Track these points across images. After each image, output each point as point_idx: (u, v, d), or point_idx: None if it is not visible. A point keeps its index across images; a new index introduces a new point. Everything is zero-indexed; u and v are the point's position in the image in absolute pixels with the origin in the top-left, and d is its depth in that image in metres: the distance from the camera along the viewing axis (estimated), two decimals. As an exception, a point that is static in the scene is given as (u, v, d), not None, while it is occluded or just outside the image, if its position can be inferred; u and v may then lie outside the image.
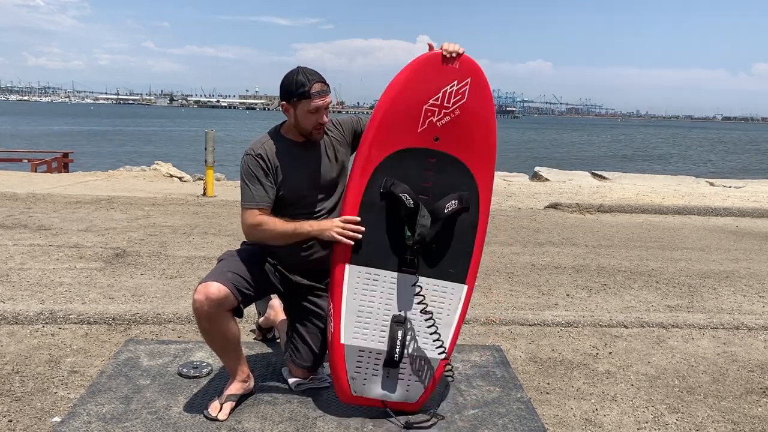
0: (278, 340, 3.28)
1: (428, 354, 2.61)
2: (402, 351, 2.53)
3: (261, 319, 3.34)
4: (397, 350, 2.51)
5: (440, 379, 2.72)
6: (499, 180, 12.40)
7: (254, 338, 3.42)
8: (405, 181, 2.53)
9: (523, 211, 8.33)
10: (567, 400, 2.93)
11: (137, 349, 3.20)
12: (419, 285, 2.57)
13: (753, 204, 9.49)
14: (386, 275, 2.57)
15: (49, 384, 2.86)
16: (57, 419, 2.54)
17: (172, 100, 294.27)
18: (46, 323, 3.57)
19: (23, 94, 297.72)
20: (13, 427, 2.48)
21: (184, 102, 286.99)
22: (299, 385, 2.82)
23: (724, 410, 2.90)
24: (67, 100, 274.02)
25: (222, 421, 2.52)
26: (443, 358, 2.61)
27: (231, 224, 6.59)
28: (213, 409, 2.56)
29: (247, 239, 2.74)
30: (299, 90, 2.53)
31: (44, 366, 3.04)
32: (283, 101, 2.61)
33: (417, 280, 2.57)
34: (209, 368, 2.98)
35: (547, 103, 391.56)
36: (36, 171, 13.80)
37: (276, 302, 3.19)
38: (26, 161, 15.46)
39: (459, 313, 2.63)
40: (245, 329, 3.48)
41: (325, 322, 2.73)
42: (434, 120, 2.52)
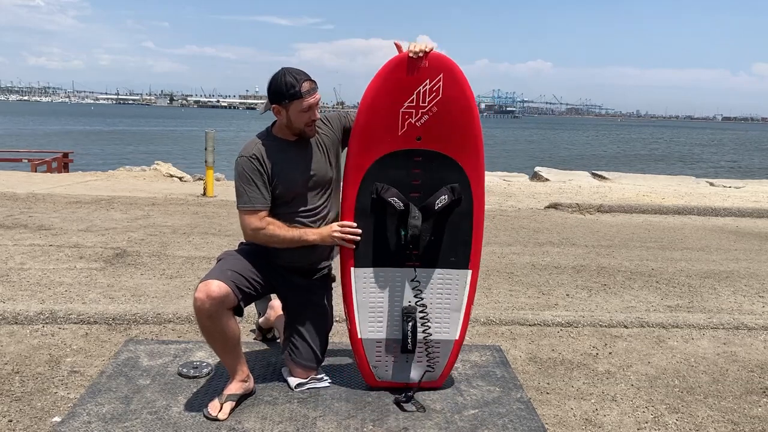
0: (278, 340, 3.29)
1: (442, 337, 2.80)
2: (414, 340, 2.71)
3: (261, 320, 3.35)
4: (409, 340, 2.71)
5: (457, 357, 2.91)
6: (499, 180, 12.41)
7: (254, 338, 3.43)
8: (394, 183, 2.63)
9: (523, 211, 8.33)
10: (567, 400, 2.93)
11: (137, 349, 3.20)
12: (424, 277, 2.73)
13: (753, 204, 9.49)
14: (391, 272, 2.74)
15: (49, 384, 2.86)
16: (57, 419, 2.54)
17: (172, 100, 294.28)
18: (46, 323, 3.58)
19: (23, 94, 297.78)
20: (13, 427, 2.48)
21: (184, 102, 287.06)
22: (299, 385, 2.83)
23: (724, 410, 2.90)
24: (67, 100, 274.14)
25: (222, 421, 2.53)
26: (456, 339, 2.80)
27: (231, 224, 6.59)
28: (213, 409, 2.57)
29: (247, 241, 2.77)
30: (290, 91, 2.58)
31: (44, 366, 3.04)
32: (274, 104, 2.65)
33: (422, 273, 2.72)
34: (209, 368, 2.98)
35: (547, 103, 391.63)
36: (36, 171, 13.78)
37: (276, 302, 3.20)
38: (26, 161, 15.42)
39: (467, 296, 2.79)
40: (245, 329, 3.49)
41: (324, 320, 2.87)
42: (413, 121, 2.59)
